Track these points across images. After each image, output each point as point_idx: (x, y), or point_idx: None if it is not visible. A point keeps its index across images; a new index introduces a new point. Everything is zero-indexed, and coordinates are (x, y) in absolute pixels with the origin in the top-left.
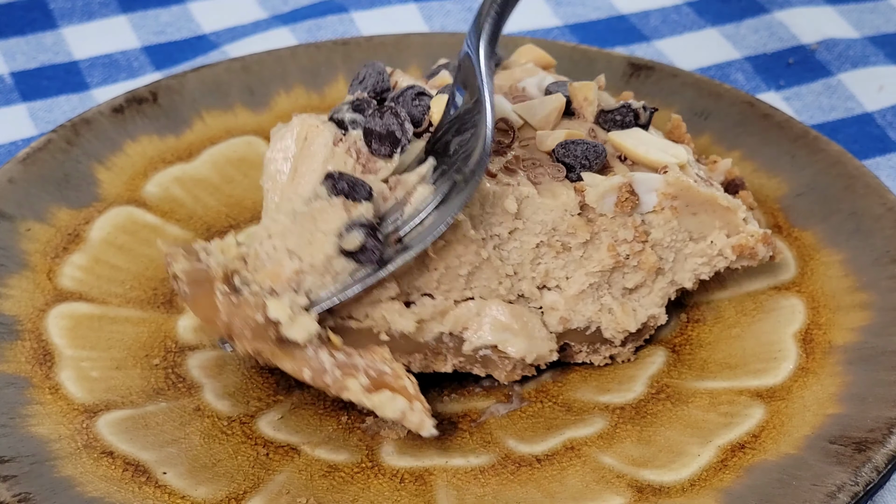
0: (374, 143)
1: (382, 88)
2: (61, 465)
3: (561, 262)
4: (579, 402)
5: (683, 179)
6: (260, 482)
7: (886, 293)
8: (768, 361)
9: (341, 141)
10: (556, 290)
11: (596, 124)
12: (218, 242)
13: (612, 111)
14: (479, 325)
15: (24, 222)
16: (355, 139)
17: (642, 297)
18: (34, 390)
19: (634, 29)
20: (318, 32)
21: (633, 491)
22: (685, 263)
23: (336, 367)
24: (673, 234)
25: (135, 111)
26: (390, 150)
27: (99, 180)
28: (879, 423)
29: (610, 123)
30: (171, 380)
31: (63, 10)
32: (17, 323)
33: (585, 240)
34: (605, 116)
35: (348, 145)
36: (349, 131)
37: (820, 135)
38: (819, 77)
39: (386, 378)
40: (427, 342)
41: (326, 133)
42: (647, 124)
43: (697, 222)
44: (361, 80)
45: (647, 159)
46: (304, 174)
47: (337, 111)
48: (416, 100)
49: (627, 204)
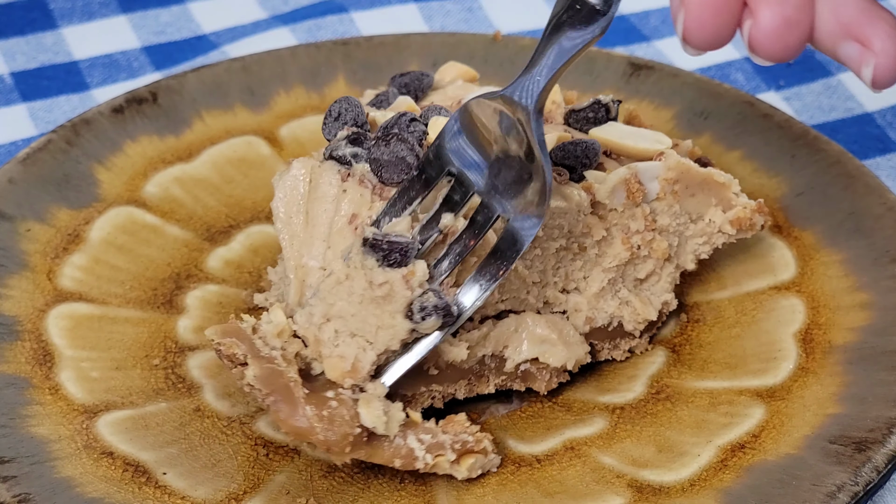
0: (383, 173)
1: (362, 122)
2: (61, 465)
3: (579, 264)
4: (579, 402)
5: (683, 162)
6: (260, 482)
7: (886, 293)
8: (768, 361)
9: (350, 176)
10: (577, 292)
11: (566, 125)
12: (269, 325)
13: (582, 109)
14: (518, 341)
15: (24, 223)
16: (362, 172)
17: (653, 285)
18: (34, 391)
19: (634, 29)
20: (318, 32)
21: (632, 491)
22: (687, 245)
23: (426, 451)
24: (676, 217)
25: (135, 111)
26: (402, 175)
27: (99, 180)
28: (879, 423)
29: (582, 122)
30: (171, 380)
31: (63, 10)
32: (16, 323)
33: (601, 237)
34: (577, 115)
35: (358, 178)
36: (353, 165)
37: (820, 134)
38: (819, 77)
39: (468, 446)
40: (471, 367)
41: (330, 172)
42: (616, 117)
43: (696, 203)
44: (337, 117)
45: (637, 150)
46: (317, 216)
47: (334, 149)
48: (410, 126)
49: (638, 194)
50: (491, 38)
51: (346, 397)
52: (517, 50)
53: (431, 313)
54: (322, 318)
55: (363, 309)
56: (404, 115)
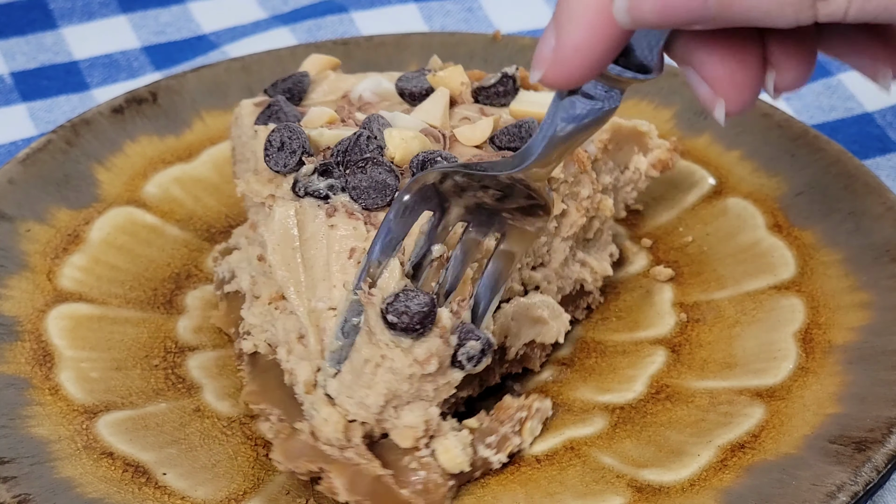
0: (366, 201)
1: (309, 149)
2: (61, 466)
3: (544, 239)
4: (579, 402)
5: (615, 119)
6: (260, 483)
7: (886, 293)
8: (768, 361)
9: (336, 211)
10: (543, 267)
11: (478, 104)
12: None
13: (492, 85)
14: (517, 329)
15: (24, 223)
16: (344, 203)
17: (598, 240)
18: (34, 391)
19: None
20: (318, 32)
21: (632, 491)
22: (619, 196)
23: (497, 451)
24: (611, 173)
25: (134, 111)
26: (387, 199)
27: (99, 181)
28: (879, 423)
29: (493, 97)
30: (170, 380)
31: (63, 10)
32: (16, 324)
33: (561, 211)
34: (487, 92)
35: (345, 212)
36: (331, 198)
37: (820, 134)
38: (819, 77)
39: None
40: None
41: (313, 210)
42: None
43: (623, 154)
44: (281, 147)
45: None
46: (313, 258)
47: (305, 186)
48: (368, 143)
49: (587, 161)
50: (491, 37)
51: (426, 457)
52: (517, 50)
53: (480, 358)
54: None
55: (415, 382)
56: (360, 136)
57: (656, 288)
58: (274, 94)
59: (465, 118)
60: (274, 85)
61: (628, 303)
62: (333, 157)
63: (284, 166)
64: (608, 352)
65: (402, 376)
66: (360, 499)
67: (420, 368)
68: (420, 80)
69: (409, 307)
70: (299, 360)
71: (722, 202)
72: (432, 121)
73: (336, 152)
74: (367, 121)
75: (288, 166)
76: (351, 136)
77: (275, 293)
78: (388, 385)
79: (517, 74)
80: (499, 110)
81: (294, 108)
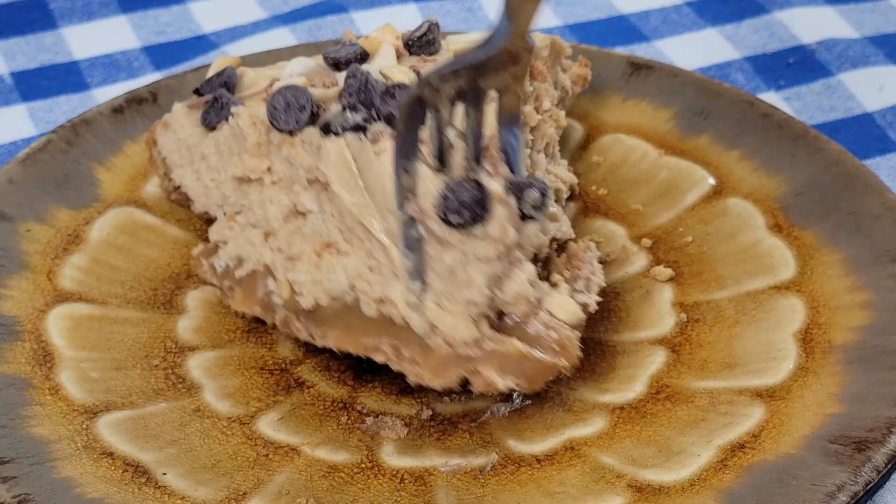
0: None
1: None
2: (61, 466)
3: (527, 152)
4: (579, 402)
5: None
6: (260, 483)
7: (886, 293)
8: (768, 361)
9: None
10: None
11: (413, 56)
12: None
13: (422, 35)
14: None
15: (24, 223)
16: (382, 131)
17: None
18: (34, 391)
19: (634, 29)
20: (318, 32)
21: (632, 491)
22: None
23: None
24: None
25: (134, 112)
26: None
27: (99, 181)
28: (879, 423)
29: (424, 46)
30: (170, 380)
31: (63, 10)
32: (17, 324)
33: (536, 123)
34: (417, 43)
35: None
36: (368, 128)
37: (820, 134)
38: (819, 77)
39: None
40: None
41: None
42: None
43: (553, 72)
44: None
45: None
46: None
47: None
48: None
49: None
50: None
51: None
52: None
53: (543, 201)
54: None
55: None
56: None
57: (656, 288)
58: (210, 91)
59: (413, 67)
60: (209, 82)
61: (628, 303)
62: (350, 99)
63: (297, 123)
64: (608, 352)
65: (492, 259)
66: (515, 380)
67: (502, 244)
68: (349, 48)
69: (462, 200)
70: (385, 285)
71: (722, 202)
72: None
73: (348, 94)
74: (353, 69)
75: (300, 122)
76: (358, 78)
77: (320, 244)
78: (484, 272)
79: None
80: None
81: (238, 99)
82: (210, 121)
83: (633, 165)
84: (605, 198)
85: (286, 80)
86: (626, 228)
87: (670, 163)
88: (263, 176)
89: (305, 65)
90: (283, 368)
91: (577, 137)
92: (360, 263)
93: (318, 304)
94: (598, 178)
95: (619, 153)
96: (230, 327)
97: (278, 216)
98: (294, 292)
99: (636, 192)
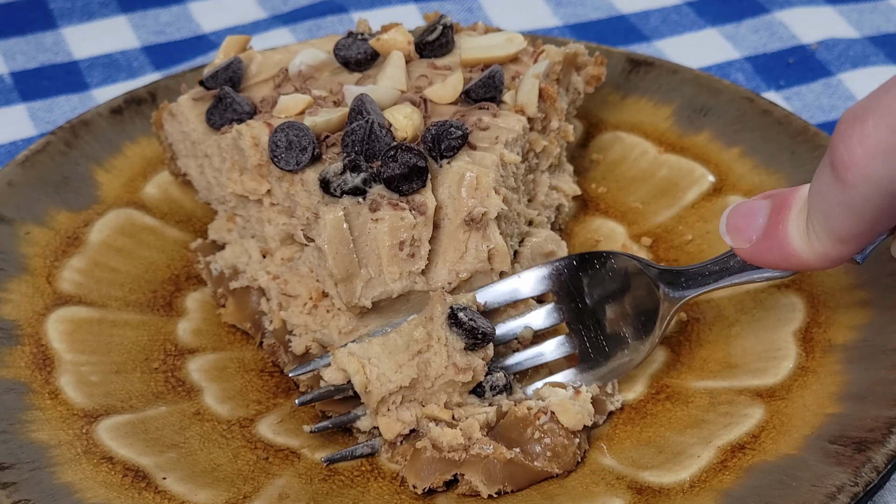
0: (403, 186)
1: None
2: (61, 470)
3: (531, 177)
4: None
5: (558, 50)
6: (260, 486)
7: (886, 291)
8: (768, 360)
9: (379, 206)
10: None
11: (426, 59)
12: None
13: (432, 40)
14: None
15: (24, 225)
16: (382, 195)
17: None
18: (34, 395)
19: (634, 29)
20: (318, 32)
21: (632, 493)
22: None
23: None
24: (563, 98)
25: (134, 112)
26: (421, 181)
27: (98, 182)
28: (879, 423)
29: (437, 49)
30: (170, 384)
31: (63, 10)
32: (16, 327)
33: (543, 146)
34: (431, 46)
35: (387, 204)
36: (368, 192)
37: (820, 131)
38: (819, 77)
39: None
40: None
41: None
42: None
43: (567, 80)
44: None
45: (508, 56)
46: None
47: (340, 186)
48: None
49: (554, 94)
50: None
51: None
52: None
53: (502, 391)
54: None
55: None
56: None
57: None
58: (216, 86)
59: (423, 76)
60: (213, 76)
61: None
62: (350, 149)
63: (297, 164)
64: None
65: (435, 372)
66: (500, 486)
67: (454, 374)
68: (360, 45)
69: (475, 321)
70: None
71: (722, 200)
72: (399, 86)
73: (351, 143)
74: (358, 102)
75: (301, 164)
76: (362, 125)
77: (315, 292)
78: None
79: (452, 22)
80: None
81: (243, 98)
82: (214, 121)
83: (632, 163)
84: (604, 196)
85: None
86: (625, 227)
87: (670, 160)
88: (262, 198)
89: (315, 56)
90: (282, 370)
91: (577, 135)
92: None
93: (309, 351)
94: (597, 176)
95: (619, 151)
96: (230, 330)
97: (276, 238)
98: (287, 331)
99: (636, 190)
